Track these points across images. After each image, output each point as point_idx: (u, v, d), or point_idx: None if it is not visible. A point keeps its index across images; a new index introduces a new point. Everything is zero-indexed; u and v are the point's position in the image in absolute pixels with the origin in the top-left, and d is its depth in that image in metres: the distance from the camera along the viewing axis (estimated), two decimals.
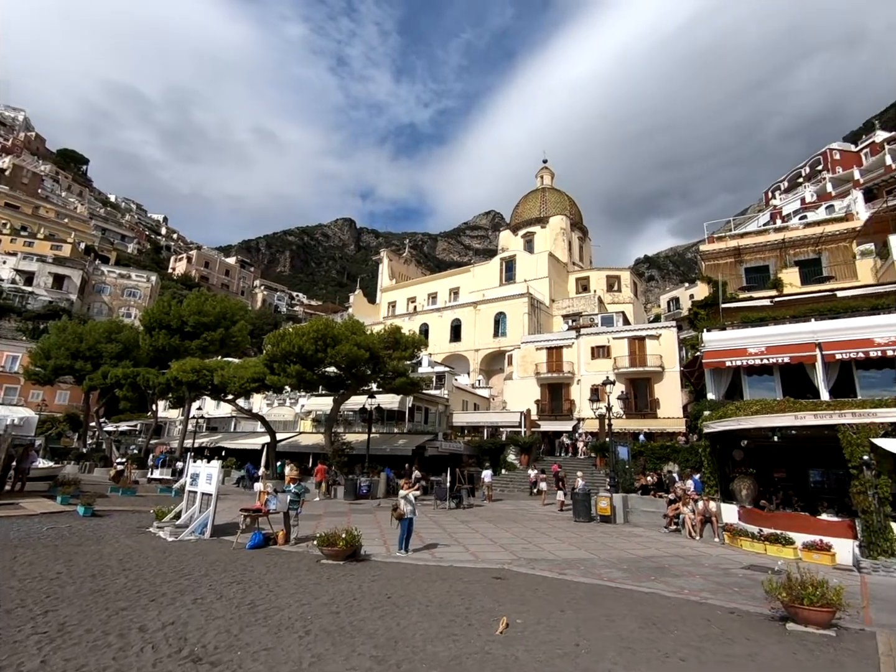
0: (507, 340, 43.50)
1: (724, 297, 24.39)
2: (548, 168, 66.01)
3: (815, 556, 10.86)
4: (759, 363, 17.45)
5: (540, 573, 9.42)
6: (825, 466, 15.08)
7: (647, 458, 24.28)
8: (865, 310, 16.83)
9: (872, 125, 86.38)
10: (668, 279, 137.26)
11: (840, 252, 25.96)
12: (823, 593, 6.41)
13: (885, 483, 10.45)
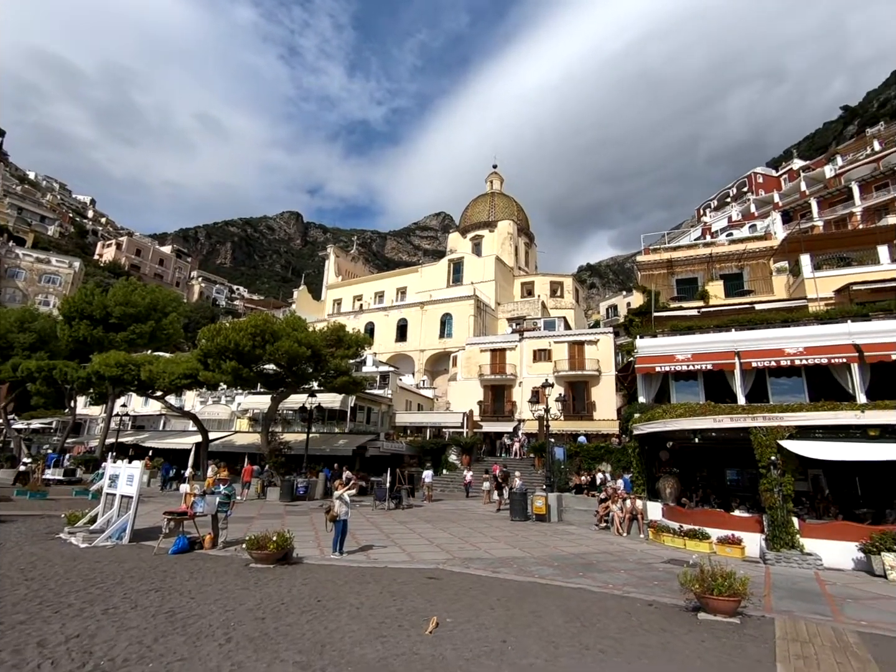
0: (453, 341, 43.82)
1: (656, 306, 25.75)
2: (497, 173, 67.18)
3: (728, 550, 11.68)
4: (685, 369, 18.55)
5: (474, 572, 9.54)
6: (740, 466, 16.24)
7: (582, 459, 25.20)
8: (778, 322, 18.27)
9: (791, 154, 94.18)
10: (608, 287, 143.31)
11: (759, 268, 28.08)
12: (731, 584, 6.90)
13: (789, 481, 11.41)
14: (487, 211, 61.38)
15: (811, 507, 12.85)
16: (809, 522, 11.60)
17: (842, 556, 10.84)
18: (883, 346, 15.58)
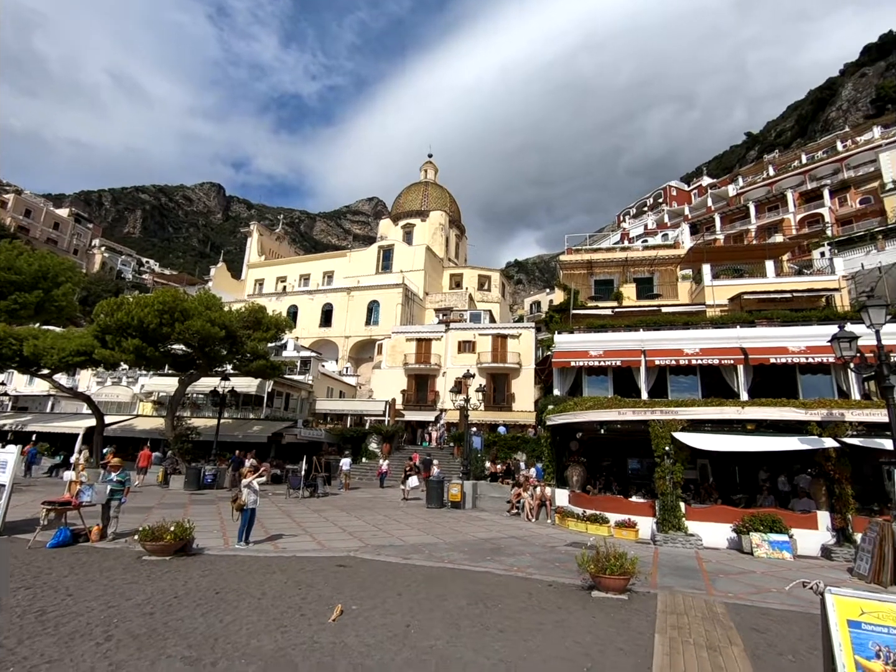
0: (379, 329, 43.38)
1: (575, 303, 27.02)
2: (432, 163, 66.98)
3: (623, 533, 12.62)
4: (597, 365, 19.65)
5: (385, 559, 9.55)
6: (640, 456, 17.52)
7: (499, 448, 26.04)
8: (680, 325, 19.87)
9: (702, 171, 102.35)
10: (533, 284, 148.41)
11: (668, 274, 30.31)
12: (622, 564, 7.44)
13: (679, 469, 12.52)
14: (420, 200, 61.12)
15: (696, 493, 14.18)
16: (694, 507, 12.80)
17: (719, 537, 12.09)
18: (764, 351, 17.43)
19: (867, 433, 11.69)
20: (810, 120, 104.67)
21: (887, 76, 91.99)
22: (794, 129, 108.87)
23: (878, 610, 2.89)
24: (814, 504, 12.22)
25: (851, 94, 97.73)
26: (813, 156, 61.39)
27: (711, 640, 5.75)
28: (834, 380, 17.48)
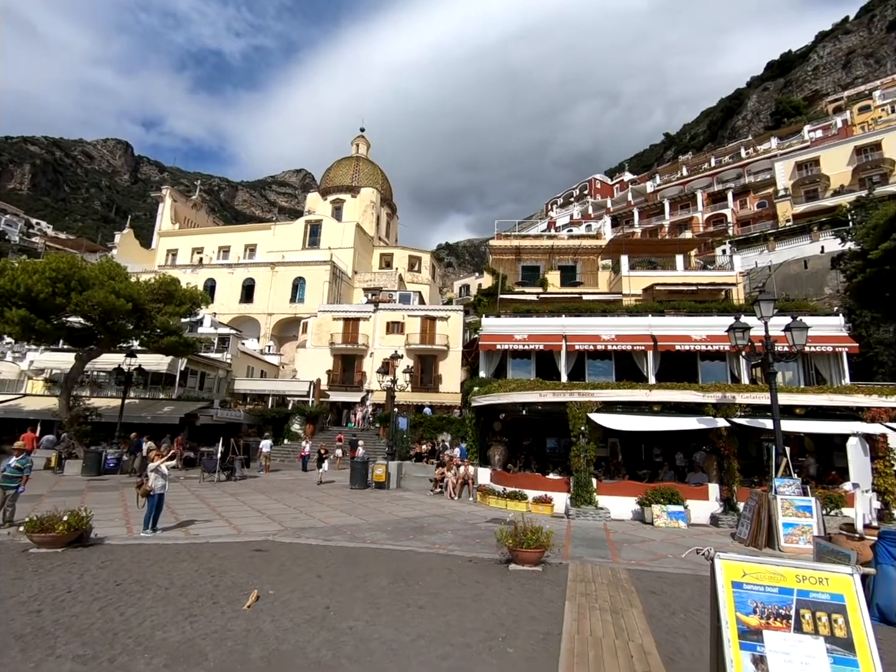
0: (305, 307, 41.91)
1: (503, 288, 27.64)
2: (364, 137, 64.98)
3: (540, 508, 13.29)
4: (521, 348, 20.33)
5: (305, 542, 9.36)
6: (558, 436, 18.45)
7: (425, 429, 26.32)
8: (599, 312, 21.00)
9: (624, 166, 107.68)
10: (463, 267, 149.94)
11: (590, 263, 31.78)
12: (538, 538, 7.82)
13: (593, 448, 13.35)
14: (351, 175, 59.24)
15: (607, 470, 15.21)
16: (604, 482, 13.72)
17: (625, 509, 13.07)
18: (671, 338, 18.87)
19: (753, 414, 13.07)
20: (720, 126, 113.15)
21: (785, 92, 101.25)
22: (706, 133, 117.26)
23: (757, 571, 3.23)
24: (706, 477, 13.54)
25: (755, 105, 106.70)
26: (720, 160, 66.56)
27: (615, 603, 6.22)
28: (728, 366, 19.33)
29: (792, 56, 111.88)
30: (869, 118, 57.72)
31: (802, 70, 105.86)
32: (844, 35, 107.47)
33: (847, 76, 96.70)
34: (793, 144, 59.80)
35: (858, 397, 12.98)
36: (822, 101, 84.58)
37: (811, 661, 2.96)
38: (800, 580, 3.17)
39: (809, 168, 51.26)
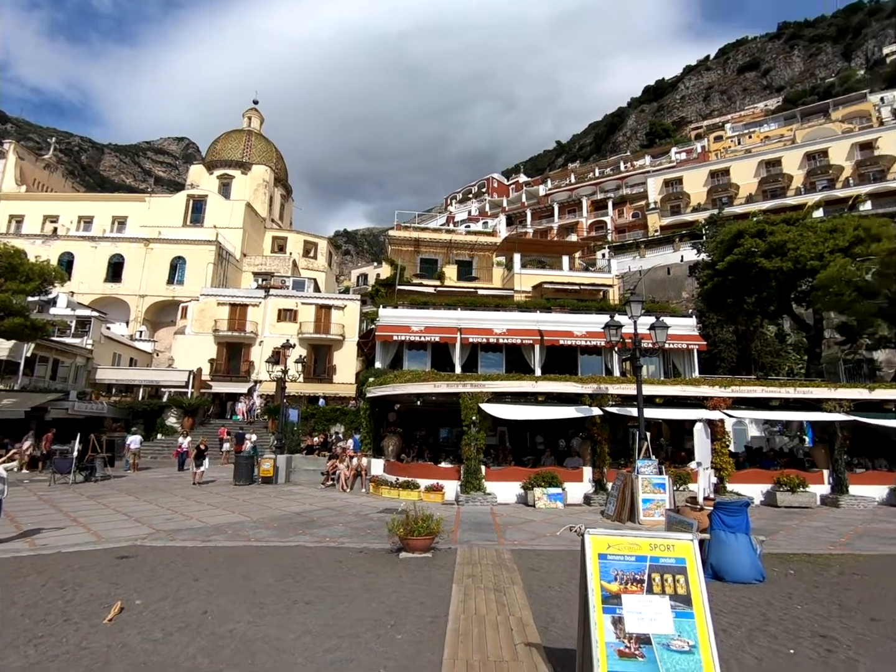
0: (185, 290, 38.36)
1: (401, 279, 27.66)
2: (258, 111, 60.76)
3: (432, 496, 13.63)
4: (418, 340, 20.56)
5: (180, 544, 8.66)
6: (451, 425, 18.98)
7: (317, 421, 25.56)
8: (492, 306, 21.91)
9: (519, 168, 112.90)
10: (362, 256, 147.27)
11: (485, 259, 32.96)
12: (429, 525, 8.01)
13: (482, 437, 13.97)
14: (242, 150, 55.14)
15: (495, 457, 16.00)
16: (492, 469, 14.44)
17: (510, 494, 13.88)
18: (556, 333, 20.29)
19: (622, 403, 14.56)
20: (604, 140, 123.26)
21: (658, 115, 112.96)
22: (592, 145, 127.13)
23: (619, 543, 3.63)
24: (581, 461, 14.84)
25: (633, 124, 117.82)
26: (603, 171, 72.56)
27: (498, 582, 6.60)
28: (603, 360, 21.28)
29: (664, 84, 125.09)
30: (721, 147, 66.60)
31: (672, 97, 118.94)
32: (706, 71, 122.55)
33: (706, 108, 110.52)
34: (662, 163, 67.05)
35: (704, 388, 15.06)
36: (687, 127, 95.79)
37: (658, 617, 3.41)
38: (652, 548, 3.63)
39: (675, 186, 57.88)
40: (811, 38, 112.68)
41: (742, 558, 6.83)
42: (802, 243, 20.72)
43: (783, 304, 23.81)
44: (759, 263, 21.47)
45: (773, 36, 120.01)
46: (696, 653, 3.29)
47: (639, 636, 3.33)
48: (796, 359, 30.23)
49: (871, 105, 64.26)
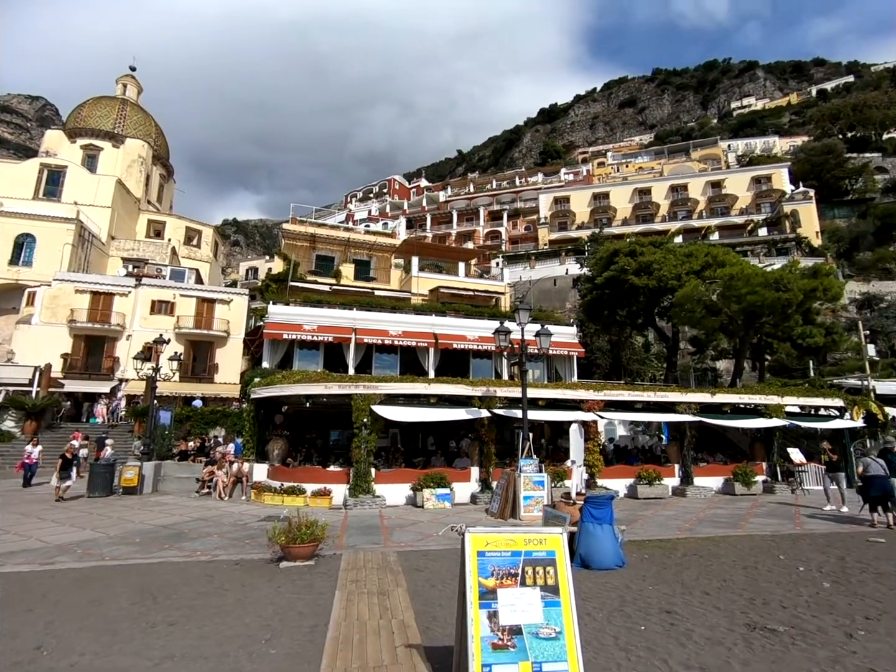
0: (33, 272, 33.12)
1: (295, 275, 26.51)
2: (135, 79, 54.49)
3: (319, 501, 13.18)
4: (310, 339, 19.83)
5: (13, 569, 7.42)
6: (343, 428, 18.53)
7: (194, 424, 23.47)
8: (388, 308, 21.85)
9: (421, 173, 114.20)
10: (253, 248, 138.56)
11: (383, 260, 32.78)
12: (313, 531, 7.73)
13: (374, 439, 13.82)
14: (114, 120, 49.04)
15: (386, 459, 15.93)
16: (383, 471, 14.35)
17: (400, 496, 13.90)
18: (450, 337, 20.78)
19: (509, 405, 15.30)
20: (502, 154, 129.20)
21: (551, 136, 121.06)
22: (491, 158, 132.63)
23: (496, 540, 3.80)
24: (470, 462, 15.32)
25: (529, 142, 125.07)
26: (500, 184, 76.03)
27: (383, 585, 6.56)
28: (493, 364, 22.23)
29: (557, 109, 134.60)
30: (603, 172, 73.28)
31: (563, 122, 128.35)
32: (593, 102, 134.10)
33: (592, 135, 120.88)
34: (553, 182, 72.00)
35: (581, 392, 16.37)
36: (575, 151, 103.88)
37: (530, 608, 3.61)
38: (527, 543, 3.84)
39: (563, 204, 62.43)
40: (678, 85, 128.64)
41: (606, 547, 7.52)
42: (665, 264, 23.50)
43: (649, 318, 26.78)
44: (631, 280, 23.95)
45: (649, 79, 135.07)
46: (562, 638, 3.54)
47: (511, 628, 3.50)
48: (658, 366, 34.12)
49: (721, 150, 75.00)
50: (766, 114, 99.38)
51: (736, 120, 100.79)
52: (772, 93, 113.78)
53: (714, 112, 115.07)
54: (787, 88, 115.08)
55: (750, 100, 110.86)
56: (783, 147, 75.87)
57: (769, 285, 19.37)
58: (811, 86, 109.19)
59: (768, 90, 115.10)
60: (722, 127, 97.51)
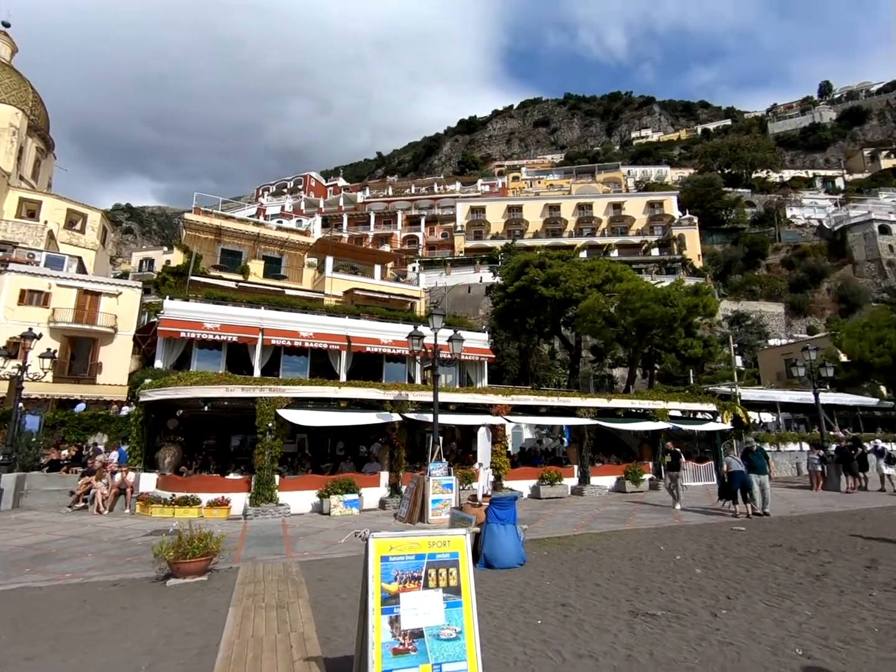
0: None
1: (196, 269, 24.70)
2: (8, 35, 47.66)
3: (215, 512, 12.31)
4: (211, 338, 18.56)
5: None
6: (246, 433, 17.53)
7: (70, 429, 20.89)
8: (300, 308, 21.07)
9: (339, 171, 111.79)
10: (149, 238, 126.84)
11: (296, 258, 31.59)
12: (206, 544, 7.20)
13: (279, 444, 13.21)
14: None
15: (292, 465, 15.30)
16: (288, 478, 13.75)
17: (305, 503, 13.39)
18: (364, 340, 20.47)
19: (421, 409, 15.38)
20: (421, 160, 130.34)
21: (470, 147, 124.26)
22: (411, 163, 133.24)
23: (400, 544, 3.79)
24: (379, 466, 15.16)
25: (449, 151, 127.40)
26: (419, 189, 76.58)
27: (282, 598, 6.26)
28: (407, 368, 22.24)
29: (476, 121, 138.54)
30: (518, 186, 76.52)
31: (482, 134, 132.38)
32: (510, 118, 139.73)
33: (508, 150, 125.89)
34: (470, 192, 73.90)
35: (490, 396, 16.89)
36: (492, 163, 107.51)
37: (432, 610, 3.65)
38: (431, 545, 3.87)
39: (479, 213, 64.24)
40: (586, 111, 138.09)
41: (509, 546, 7.80)
42: (571, 277, 25.03)
43: (555, 327, 28.32)
44: (540, 291, 25.20)
45: (561, 102, 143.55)
46: (462, 638, 3.61)
47: (413, 631, 3.51)
48: (562, 373, 36.16)
49: (622, 175, 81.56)
50: (660, 145, 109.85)
51: (635, 148, 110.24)
52: (665, 127, 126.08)
53: (617, 139, 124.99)
54: (678, 125, 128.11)
55: (647, 131, 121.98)
56: (673, 177, 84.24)
57: (659, 301, 21.35)
58: (697, 124, 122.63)
59: (663, 124, 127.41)
60: (623, 153, 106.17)
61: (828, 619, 5.46)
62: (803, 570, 7.43)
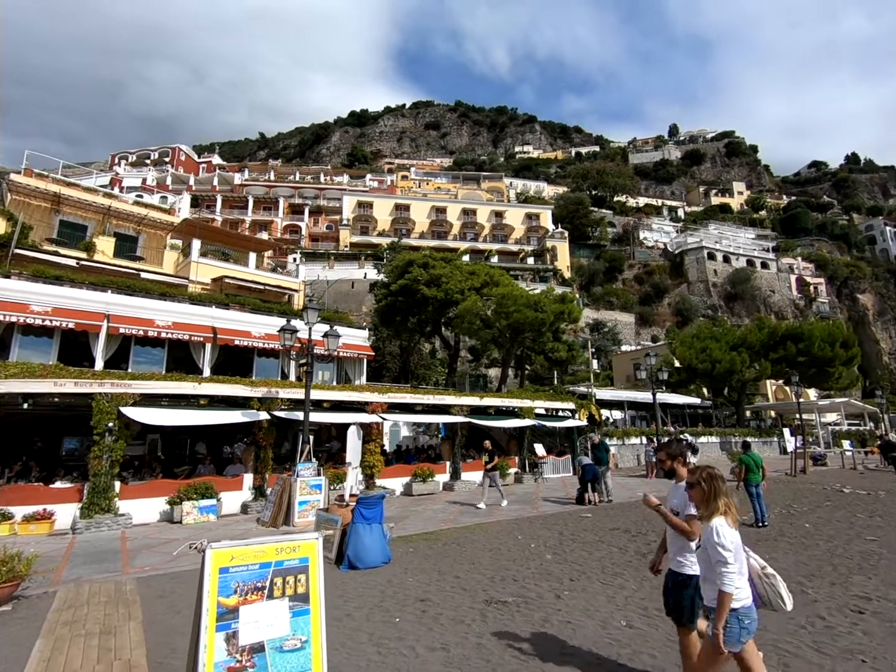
0: None
1: (24, 241, 20.93)
2: None
3: (33, 527, 10.47)
4: (40, 323, 15.82)
5: None
6: (83, 434, 15.20)
7: None
8: (157, 294, 18.87)
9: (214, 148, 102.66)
10: None
11: (156, 238, 28.27)
12: (11, 567, 6.09)
13: (121, 447, 11.63)
14: None
15: (139, 470, 13.64)
16: (132, 484, 12.20)
17: (152, 512, 11.99)
18: (232, 332, 19.00)
19: (292, 408, 14.66)
20: (309, 147, 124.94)
21: (360, 141, 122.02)
22: (297, 149, 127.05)
23: (244, 553, 3.51)
24: (243, 468, 14.15)
25: (338, 141, 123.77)
26: (304, 177, 73.27)
27: (109, 623, 5.51)
28: (280, 364, 21.09)
29: (368, 115, 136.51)
30: (406, 185, 76.87)
31: (373, 129, 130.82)
32: (402, 117, 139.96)
33: (399, 148, 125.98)
34: (358, 186, 72.54)
35: (367, 394, 16.69)
36: (382, 160, 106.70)
37: (275, 621, 3.43)
38: (278, 552, 3.65)
39: (366, 209, 63.34)
40: (475, 120, 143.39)
41: (374, 546, 7.73)
42: (452, 279, 25.73)
43: (436, 327, 28.90)
44: (422, 291, 25.53)
45: (452, 108, 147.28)
46: (308, 647, 3.45)
47: (252, 646, 3.28)
48: (441, 372, 37.04)
49: (505, 185, 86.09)
50: (539, 162, 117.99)
51: (518, 162, 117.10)
52: (545, 146, 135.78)
53: (502, 151, 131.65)
54: (556, 145, 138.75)
55: (529, 147, 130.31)
56: (550, 192, 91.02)
57: (530, 306, 22.86)
58: (572, 147, 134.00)
59: (542, 143, 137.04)
60: (507, 165, 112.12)
61: (648, 591, 6.24)
62: (633, 550, 8.43)
